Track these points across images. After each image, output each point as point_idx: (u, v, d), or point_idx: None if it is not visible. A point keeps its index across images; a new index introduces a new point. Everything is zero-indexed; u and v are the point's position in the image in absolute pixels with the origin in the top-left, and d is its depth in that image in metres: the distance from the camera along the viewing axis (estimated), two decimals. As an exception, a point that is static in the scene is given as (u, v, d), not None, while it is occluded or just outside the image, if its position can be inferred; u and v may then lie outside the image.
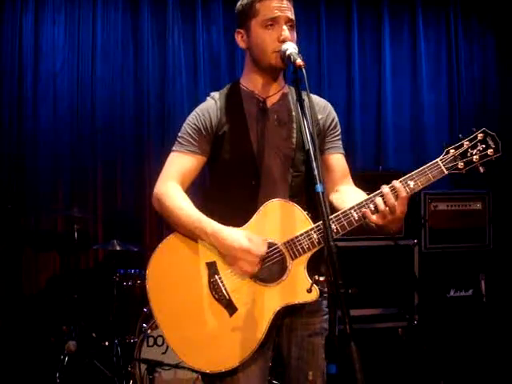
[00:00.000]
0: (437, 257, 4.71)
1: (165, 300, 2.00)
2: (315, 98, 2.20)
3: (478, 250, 4.79)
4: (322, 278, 1.79)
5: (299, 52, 1.89)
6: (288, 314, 2.02)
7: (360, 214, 1.86)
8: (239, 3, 2.10)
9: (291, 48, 1.90)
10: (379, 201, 1.84)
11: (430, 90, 5.82)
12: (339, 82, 5.71)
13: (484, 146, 1.88)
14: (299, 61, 1.81)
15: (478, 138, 1.89)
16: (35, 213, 5.05)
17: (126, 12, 5.34)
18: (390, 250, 4.55)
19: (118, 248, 4.26)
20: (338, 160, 2.17)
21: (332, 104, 2.24)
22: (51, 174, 5.12)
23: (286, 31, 1.97)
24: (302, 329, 2.06)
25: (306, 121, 1.80)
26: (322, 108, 2.18)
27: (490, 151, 1.87)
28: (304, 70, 1.79)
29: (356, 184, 2.21)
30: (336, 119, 2.20)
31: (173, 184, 2.06)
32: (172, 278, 2.00)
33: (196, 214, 1.98)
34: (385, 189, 1.85)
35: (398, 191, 1.84)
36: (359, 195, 2.03)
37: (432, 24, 5.88)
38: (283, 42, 1.95)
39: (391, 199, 1.83)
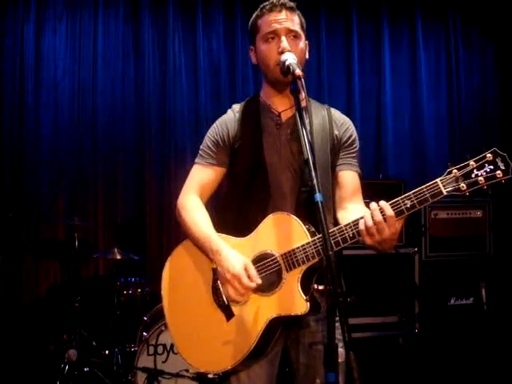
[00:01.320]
0: (437, 265, 4.71)
1: (175, 300, 2.11)
2: (335, 112, 2.21)
3: (479, 258, 4.79)
4: (321, 287, 1.80)
5: (306, 60, 1.92)
6: (294, 323, 2.03)
7: (355, 231, 1.82)
8: (250, 21, 2.15)
9: (290, 58, 1.91)
10: (367, 216, 1.78)
11: (430, 99, 5.84)
12: (339, 91, 5.73)
13: (492, 166, 1.71)
14: (298, 71, 1.83)
15: (487, 158, 1.71)
16: (36, 221, 5.06)
17: (127, 20, 5.38)
18: (390, 259, 4.54)
19: (118, 256, 4.26)
20: (348, 177, 2.15)
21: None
22: (52, 182, 5.13)
23: (284, 42, 1.99)
24: (310, 337, 2.07)
25: (305, 130, 1.80)
26: (340, 124, 2.18)
27: (498, 173, 1.70)
28: (303, 80, 1.80)
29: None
30: (354, 136, 2.18)
31: (193, 197, 2.17)
32: (183, 279, 2.10)
33: (208, 230, 2.06)
34: (372, 205, 1.78)
35: (384, 210, 1.76)
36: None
37: (431, 33, 5.91)
38: (282, 53, 1.97)
39: (377, 216, 1.75)
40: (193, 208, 2.13)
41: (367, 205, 1.84)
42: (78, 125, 5.21)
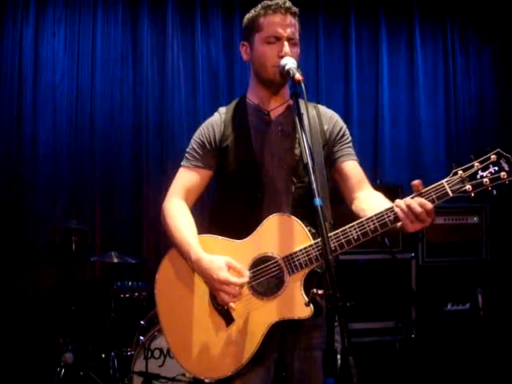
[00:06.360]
0: (434, 270, 4.72)
1: (170, 306, 2.07)
2: (322, 108, 2.23)
3: (475, 263, 4.80)
4: (320, 292, 1.79)
5: (298, 67, 1.92)
6: (291, 328, 2.02)
7: (360, 234, 1.81)
8: (246, 17, 2.15)
9: (290, 63, 1.93)
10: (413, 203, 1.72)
11: (428, 104, 5.86)
12: (337, 96, 5.73)
13: (497, 168, 1.70)
14: (298, 75, 1.84)
15: (491, 159, 1.72)
16: (33, 224, 5.04)
17: (126, 25, 5.38)
18: (387, 264, 4.55)
19: (115, 260, 4.24)
20: (351, 166, 2.14)
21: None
22: (50, 185, 5.12)
23: (286, 47, 2.00)
24: (305, 342, 2.08)
25: (305, 134, 1.81)
26: (329, 118, 2.20)
27: (502, 174, 1.70)
28: (303, 84, 1.81)
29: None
30: (344, 128, 2.20)
31: (177, 201, 2.13)
32: (178, 285, 2.06)
33: (188, 237, 2.02)
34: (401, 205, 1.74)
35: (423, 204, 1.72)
36: (379, 200, 2.00)
37: (429, 39, 5.93)
38: (283, 57, 1.98)
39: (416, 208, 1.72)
40: (176, 213, 2.10)
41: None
42: (75, 128, 5.20)
